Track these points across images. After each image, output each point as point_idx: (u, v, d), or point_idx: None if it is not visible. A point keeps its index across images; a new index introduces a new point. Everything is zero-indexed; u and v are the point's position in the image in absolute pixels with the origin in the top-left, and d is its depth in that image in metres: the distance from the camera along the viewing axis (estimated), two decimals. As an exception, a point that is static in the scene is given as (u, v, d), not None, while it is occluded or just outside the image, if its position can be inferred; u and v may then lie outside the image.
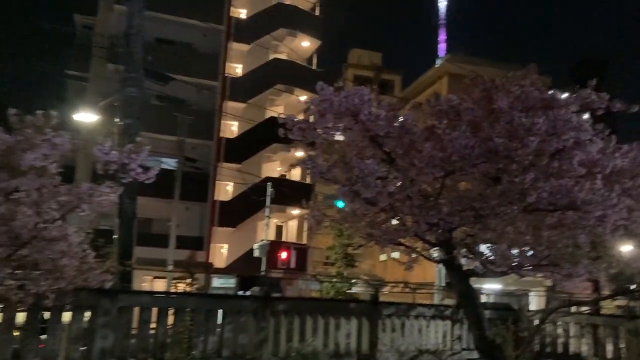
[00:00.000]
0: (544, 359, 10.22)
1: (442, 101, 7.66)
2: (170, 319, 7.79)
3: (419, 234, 7.07)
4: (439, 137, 6.85)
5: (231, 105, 28.58)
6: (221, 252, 29.12)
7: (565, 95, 7.63)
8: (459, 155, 6.65)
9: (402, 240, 8.09)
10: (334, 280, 21.23)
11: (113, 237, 10.85)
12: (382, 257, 41.11)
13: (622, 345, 10.12)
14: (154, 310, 7.66)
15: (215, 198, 28.30)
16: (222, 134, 29.00)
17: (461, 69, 40.50)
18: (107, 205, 6.90)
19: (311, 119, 8.19)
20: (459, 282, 8.58)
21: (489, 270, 7.90)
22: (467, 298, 8.66)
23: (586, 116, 7.33)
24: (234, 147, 28.41)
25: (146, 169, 6.92)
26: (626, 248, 8.33)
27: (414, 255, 8.30)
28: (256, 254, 21.91)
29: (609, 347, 10.22)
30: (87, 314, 7.39)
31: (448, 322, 10.36)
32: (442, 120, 7.54)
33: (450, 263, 8.20)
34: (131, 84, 11.57)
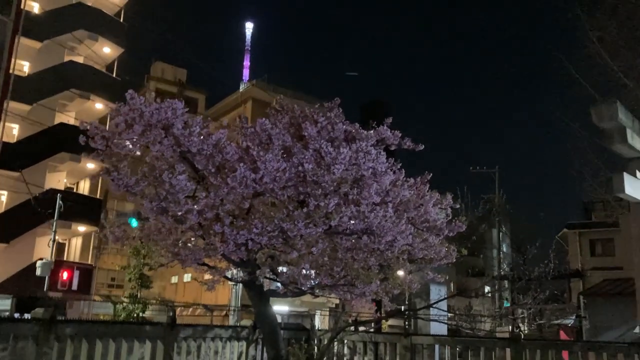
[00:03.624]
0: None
1: (256, 124, 7.83)
2: None
3: (226, 254, 7.03)
4: (252, 158, 6.96)
5: (13, 106, 25.47)
6: (-13, 271, 25.45)
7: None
8: (271, 178, 6.84)
9: (206, 260, 7.98)
10: (126, 302, 19.91)
11: None
12: (174, 279, 39.96)
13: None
14: None
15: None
16: (-1, 137, 25.62)
17: (265, 95, 41.98)
18: None
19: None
20: (259, 302, 8.73)
21: (289, 290, 8.19)
22: (265, 318, 8.84)
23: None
24: (13, 153, 25.25)
25: None
26: (407, 271, 9.30)
27: (216, 277, 8.26)
28: (39, 272, 19.77)
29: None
30: None
31: (244, 343, 10.41)
32: (254, 142, 7.71)
33: (251, 283, 8.30)
34: None
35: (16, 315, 11.77)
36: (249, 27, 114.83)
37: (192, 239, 7.27)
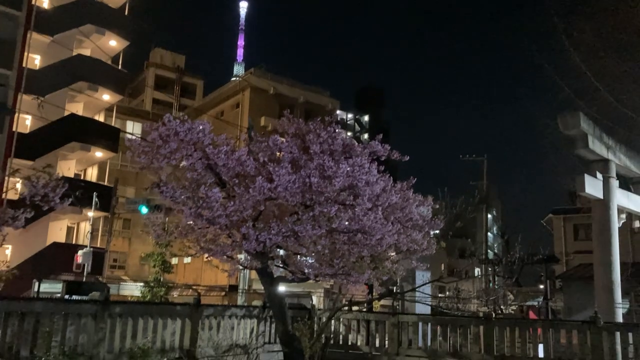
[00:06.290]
0: (330, 348, 12.55)
1: (269, 140, 9.47)
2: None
3: (248, 249, 8.70)
4: (268, 172, 8.60)
5: (26, 98, 26.85)
6: (5, 254, 27.07)
7: (350, 116, 9.90)
8: (283, 187, 8.48)
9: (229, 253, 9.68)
10: (151, 285, 21.95)
11: None
12: (174, 260, 41.69)
13: (386, 336, 12.96)
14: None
15: (2, 196, 26.28)
16: (13, 128, 27.04)
17: (263, 83, 43.33)
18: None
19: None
20: (270, 286, 10.44)
21: (296, 277, 9.91)
22: (275, 299, 10.58)
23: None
24: (27, 143, 26.70)
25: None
26: (393, 261, 11.04)
27: (235, 265, 9.97)
28: (80, 260, 21.96)
29: (378, 337, 13.00)
30: None
31: (255, 320, 12.14)
32: (266, 153, 9.38)
33: (263, 270, 10.00)
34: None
35: (66, 297, 13.58)
36: (244, 6, 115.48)
37: (218, 236, 8.96)
